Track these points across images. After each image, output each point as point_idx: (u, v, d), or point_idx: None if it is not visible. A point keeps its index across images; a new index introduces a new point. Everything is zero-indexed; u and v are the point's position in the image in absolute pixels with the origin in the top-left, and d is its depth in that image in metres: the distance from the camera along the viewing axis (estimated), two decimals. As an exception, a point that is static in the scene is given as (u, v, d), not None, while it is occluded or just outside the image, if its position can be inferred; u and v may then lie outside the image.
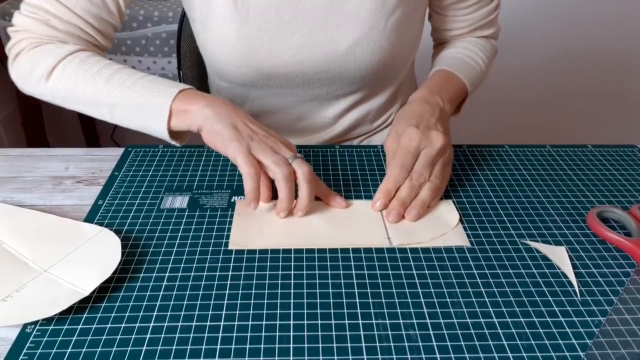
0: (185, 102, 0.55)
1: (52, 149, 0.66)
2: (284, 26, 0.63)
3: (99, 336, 0.40)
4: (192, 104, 0.54)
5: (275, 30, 0.63)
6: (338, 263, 0.47)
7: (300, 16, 0.63)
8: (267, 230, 0.51)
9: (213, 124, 0.53)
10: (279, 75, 0.66)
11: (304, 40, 0.64)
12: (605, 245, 0.50)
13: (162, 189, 0.57)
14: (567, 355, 0.39)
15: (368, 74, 0.67)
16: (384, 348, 0.39)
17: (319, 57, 0.65)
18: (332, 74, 0.67)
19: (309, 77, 0.67)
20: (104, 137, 1.87)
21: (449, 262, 0.48)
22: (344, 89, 0.70)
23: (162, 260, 0.47)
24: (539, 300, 0.44)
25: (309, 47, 0.64)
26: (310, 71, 0.66)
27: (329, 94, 0.71)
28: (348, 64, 0.65)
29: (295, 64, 0.65)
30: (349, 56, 0.65)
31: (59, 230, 0.50)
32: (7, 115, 1.61)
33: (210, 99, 0.55)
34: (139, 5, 1.28)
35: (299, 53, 0.64)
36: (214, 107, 0.54)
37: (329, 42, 0.64)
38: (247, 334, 0.40)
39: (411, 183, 0.54)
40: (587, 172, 0.62)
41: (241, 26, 0.63)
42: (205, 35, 0.66)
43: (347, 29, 0.63)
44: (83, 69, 0.57)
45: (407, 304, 0.43)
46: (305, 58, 0.65)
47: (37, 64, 0.58)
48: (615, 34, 1.64)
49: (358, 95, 0.72)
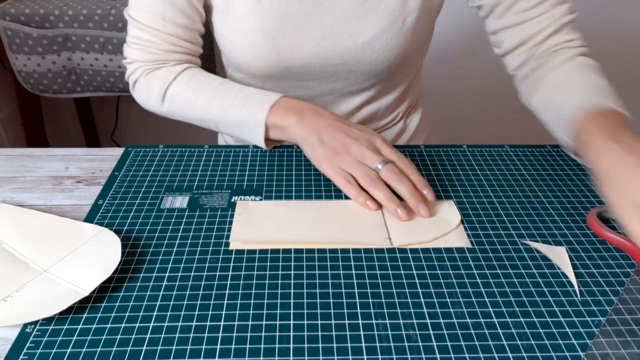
0: (279, 117, 0.60)
1: (52, 149, 0.66)
2: (306, 18, 0.64)
3: (99, 336, 0.40)
4: (286, 119, 0.60)
5: (297, 22, 0.64)
6: (338, 263, 0.47)
7: (322, 8, 0.64)
8: (267, 231, 0.51)
9: (304, 145, 0.59)
10: (298, 66, 0.67)
11: (324, 33, 0.65)
12: (605, 245, 0.50)
13: (162, 189, 0.57)
14: (567, 355, 0.39)
15: (383, 70, 0.68)
16: (384, 348, 0.39)
17: (338, 49, 0.66)
18: (348, 67, 0.67)
19: (327, 70, 0.68)
20: (104, 137, 1.87)
21: (449, 262, 0.48)
22: (359, 84, 0.71)
23: (162, 260, 0.47)
24: (539, 300, 0.44)
25: (329, 40, 0.65)
26: (328, 63, 0.67)
27: (344, 89, 0.71)
28: (365, 58, 0.66)
29: (314, 56, 0.66)
30: (366, 50, 0.65)
31: (59, 230, 0.50)
32: (7, 115, 1.61)
33: (300, 113, 0.60)
34: (139, 5, 1.28)
35: (319, 45, 0.65)
36: (304, 122, 0.59)
37: (348, 35, 0.65)
38: (247, 334, 0.40)
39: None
40: (587, 172, 0.62)
41: (263, 17, 0.63)
42: (225, 26, 0.67)
43: (367, 23, 0.64)
44: (188, 92, 0.65)
45: (407, 304, 0.43)
46: (324, 50, 0.66)
47: (150, 91, 0.67)
48: (615, 34, 1.64)
49: (370, 93, 0.73)
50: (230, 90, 0.64)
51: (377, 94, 0.73)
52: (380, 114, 0.77)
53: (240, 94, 0.63)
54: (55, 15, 1.26)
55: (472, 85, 1.72)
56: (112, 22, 1.26)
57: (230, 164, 0.62)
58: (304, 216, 0.53)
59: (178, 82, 0.66)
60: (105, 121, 1.83)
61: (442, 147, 0.67)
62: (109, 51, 1.31)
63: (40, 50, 1.30)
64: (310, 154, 0.59)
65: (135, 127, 1.87)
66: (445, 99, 1.62)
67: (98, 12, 1.26)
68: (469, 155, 0.65)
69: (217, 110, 0.63)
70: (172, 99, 0.66)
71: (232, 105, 0.62)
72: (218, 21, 0.67)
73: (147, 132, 1.86)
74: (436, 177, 0.61)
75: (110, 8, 1.26)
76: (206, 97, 0.64)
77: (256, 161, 0.63)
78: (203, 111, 0.64)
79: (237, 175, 0.60)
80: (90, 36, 1.29)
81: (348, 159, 0.55)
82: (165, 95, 0.66)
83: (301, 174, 0.61)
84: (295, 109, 0.60)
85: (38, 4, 1.28)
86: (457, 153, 0.65)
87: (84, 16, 1.26)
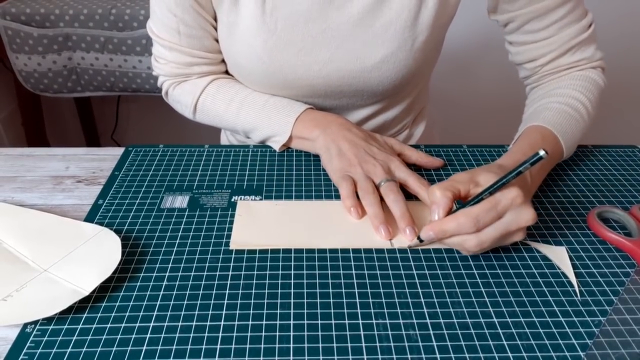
0: (303, 130, 0.63)
1: (52, 149, 0.66)
2: (312, 41, 0.63)
3: (99, 336, 0.40)
4: (309, 132, 0.62)
5: (302, 44, 0.63)
6: (338, 263, 0.47)
7: (329, 32, 0.62)
8: (268, 231, 0.51)
9: (323, 154, 0.60)
10: (302, 86, 0.66)
11: (330, 56, 0.63)
12: (605, 246, 0.50)
13: (162, 189, 0.57)
14: (567, 355, 0.39)
15: (390, 89, 0.67)
16: (384, 348, 0.39)
17: (344, 72, 0.64)
18: (355, 88, 0.66)
19: (332, 90, 0.67)
20: (104, 137, 1.87)
21: (449, 262, 0.48)
22: (365, 101, 0.70)
23: (162, 260, 0.47)
24: (539, 300, 0.44)
25: (334, 63, 0.64)
26: (334, 84, 0.66)
27: (349, 105, 0.71)
28: (372, 80, 0.65)
29: (320, 78, 0.65)
30: (374, 72, 0.64)
31: (59, 230, 0.50)
32: (7, 115, 1.61)
33: (323, 125, 0.62)
34: (140, 5, 1.28)
35: (325, 67, 0.64)
36: (326, 134, 0.61)
37: (355, 59, 0.63)
38: (247, 334, 0.40)
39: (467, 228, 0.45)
40: (587, 172, 0.62)
41: (268, 38, 0.62)
42: (229, 41, 0.66)
43: (374, 47, 0.62)
44: (216, 104, 0.68)
45: (407, 304, 0.43)
46: (330, 72, 0.64)
47: (182, 103, 0.71)
48: (615, 34, 1.64)
49: (376, 107, 0.72)
50: (259, 100, 0.66)
51: (383, 107, 0.72)
52: (386, 125, 0.76)
53: (267, 105, 0.66)
54: (56, 14, 1.26)
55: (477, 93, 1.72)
56: (112, 21, 1.26)
57: (230, 164, 0.62)
58: (305, 217, 0.53)
59: (206, 95, 0.68)
60: (106, 121, 1.83)
61: (442, 147, 0.67)
62: (110, 51, 1.31)
63: (40, 50, 1.30)
64: (327, 164, 0.59)
65: (136, 127, 1.87)
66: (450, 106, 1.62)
67: (99, 12, 1.26)
68: (469, 155, 0.65)
69: (245, 122, 0.66)
70: (203, 110, 0.69)
71: (260, 117, 0.65)
72: (223, 35, 0.66)
73: (147, 132, 1.86)
74: (436, 177, 0.61)
75: (110, 7, 1.26)
76: (234, 109, 0.67)
77: (256, 161, 0.63)
78: (233, 122, 0.67)
79: (237, 175, 0.60)
80: (90, 36, 1.29)
81: (358, 171, 0.56)
82: (196, 109, 0.69)
83: (301, 174, 0.61)
84: (319, 122, 0.62)
85: (39, 4, 1.28)
86: (457, 153, 0.65)
87: (85, 16, 1.26)
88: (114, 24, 1.27)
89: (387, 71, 0.64)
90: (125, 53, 1.31)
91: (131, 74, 1.34)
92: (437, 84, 1.40)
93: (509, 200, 0.45)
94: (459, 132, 1.52)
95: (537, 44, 0.65)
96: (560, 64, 0.66)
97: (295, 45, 0.63)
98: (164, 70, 0.70)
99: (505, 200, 0.45)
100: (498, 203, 0.45)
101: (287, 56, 0.63)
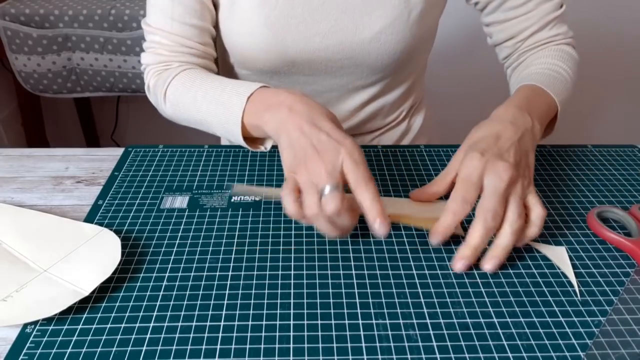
0: (254, 116, 0.55)
1: (52, 149, 0.66)
2: (312, 13, 0.64)
3: (99, 336, 0.40)
4: (259, 118, 0.54)
5: (302, 17, 0.64)
6: (338, 263, 0.47)
7: (328, 3, 0.64)
8: None
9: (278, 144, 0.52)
10: (304, 61, 0.67)
11: (330, 27, 0.65)
12: (605, 245, 0.50)
13: (162, 189, 0.57)
14: (567, 355, 0.39)
15: (389, 64, 0.68)
16: (384, 348, 0.39)
17: (344, 44, 0.66)
18: (354, 62, 0.68)
19: (332, 64, 0.68)
20: (104, 137, 1.87)
21: (449, 262, 0.48)
22: (364, 79, 0.71)
23: (162, 260, 0.47)
24: (539, 300, 0.44)
25: (335, 34, 0.65)
26: (334, 57, 0.67)
27: (349, 84, 0.72)
28: (371, 52, 0.66)
29: (320, 50, 0.66)
30: (373, 44, 0.66)
31: (59, 230, 0.50)
32: (7, 115, 1.61)
33: (273, 107, 0.53)
34: (139, 6, 1.28)
35: (325, 39, 0.66)
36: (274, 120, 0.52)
37: (354, 29, 0.65)
38: (247, 334, 0.40)
39: (485, 225, 0.45)
40: (587, 172, 0.62)
41: (269, 12, 0.64)
42: (230, 22, 0.67)
43: (372, 17, 0.64)
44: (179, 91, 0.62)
45: (407, 304, 0.43)
46: (330, 44, 0.66)
47: (157, 93, 0.66)
48: (615, 34, 1.64)
49: (375, 89, 0.73)
50: (216, 84, 0.59)
51: (382, 90, 0.74)
52: (385, 111, 0.77)
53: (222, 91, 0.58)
54: (55, 15, 1.26)
55: (475, 87, 1.72)
56: (112, 22, 1.26)
57: (230, 164, 0.62)
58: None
59: (176, 81, 0.63)
60: (105, 121, 1.83)
61: (442, 147, 0.67)
62: (109, 51, 1.31)
63: (40, 50, 1.30)
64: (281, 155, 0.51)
65: (135, 127, 1.87)
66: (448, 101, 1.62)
67: (98, 12, 1.26)
68: (469, 155, 0.65)
69: (203, 108, 0.59)
70: (170, 99, 0.64)
71: (213, 101, 0.58)
72: (223, 17, 0.67)
73: (147, 132, 1.86)
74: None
75: (110, 8, 1.26)
76: (192, 94, 0.60)
77: (256, 161, 0.63)
78: (192, 110, 0.60)
79: (237, 175, 0.60)
80: (90, 36, 1.29)
81: (304, 176, 0.48)
82: (166, 96, 0.64)
83: (301, 174, 0.60)
84: (269, 106, 0.54)
85: (38, 4, 1.28)
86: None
87: (84, 16, 1.26)
88: (114, 25, 1.27)
89: (386, 43, 0.65)
90: (124, 53, 1.31)
91: (131, 74, 1.34)
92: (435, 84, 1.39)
93: (470, 168, 0.48)
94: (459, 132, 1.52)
95: (518, 19, 0.68)
96: (539, 39, 0.69)
97: (295, 17, 0.64)
98: (150, 59, 0.67)
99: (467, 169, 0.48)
100: (468, 176, 0.47)
101: (289, 29, 0.64)
